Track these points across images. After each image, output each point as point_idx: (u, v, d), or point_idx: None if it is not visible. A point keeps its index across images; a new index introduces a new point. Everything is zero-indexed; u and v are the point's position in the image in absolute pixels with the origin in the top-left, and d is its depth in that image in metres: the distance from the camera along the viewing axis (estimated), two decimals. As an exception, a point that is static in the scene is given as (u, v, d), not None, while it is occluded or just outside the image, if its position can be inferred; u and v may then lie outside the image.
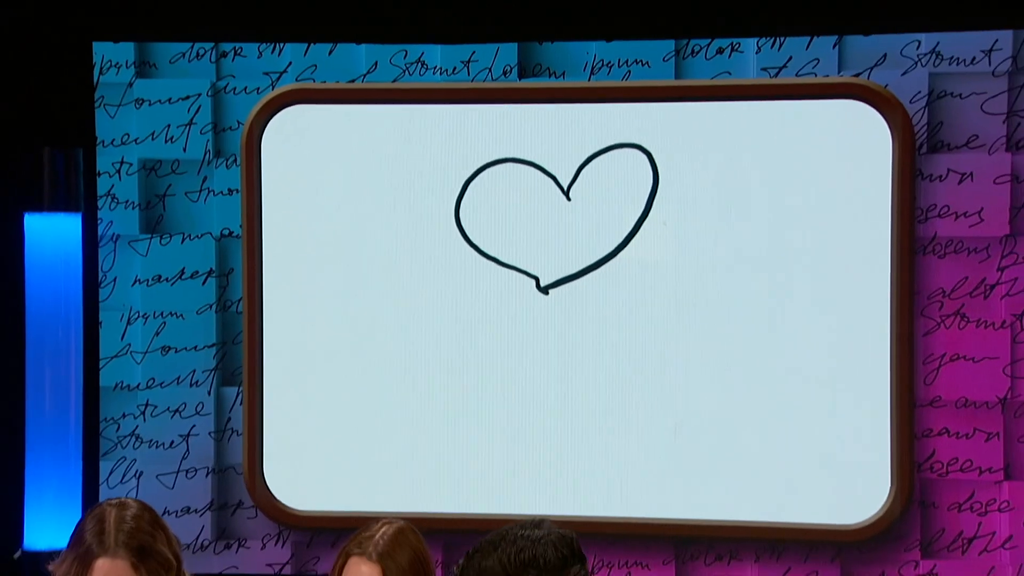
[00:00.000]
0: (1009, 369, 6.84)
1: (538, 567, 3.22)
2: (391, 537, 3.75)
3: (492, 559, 3.25)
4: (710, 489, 7.11)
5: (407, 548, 3.75)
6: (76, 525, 3.82)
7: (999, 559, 6.85)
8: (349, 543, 3.75)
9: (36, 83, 7.49)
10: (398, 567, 3.69)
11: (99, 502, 4.25)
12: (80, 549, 3.70)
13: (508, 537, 3.29)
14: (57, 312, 7.31)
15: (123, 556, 3.67)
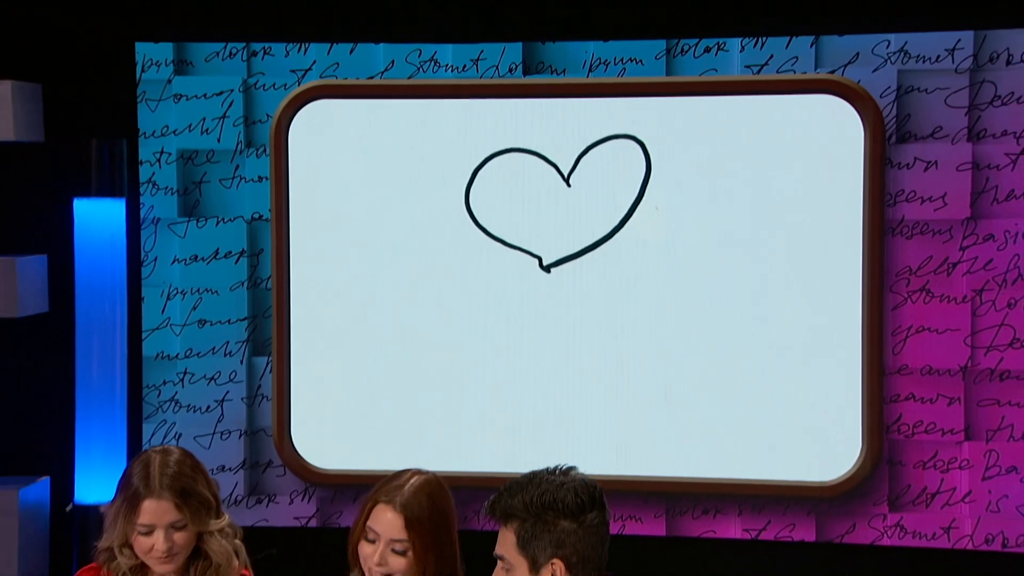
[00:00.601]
0: (969, 340, 6.91)
1: (556, 510, 3.20)
2: (417, 488, 3.67)
3: (517, 499, 3.24)
4: (698, 450, 7.18)
5: (429, 498, 3.66)
6: (124, 471, 3.81)
7: (959, 512, 6.91)
8: (379, 490, 3.70)
9: (84, 80, 7.54)
10: (419, 516, 3.60)
11: (144, 450, 4.27)
12: (128, 492, 3.68)
13: (535, 480, 3.29)
14: (103, 288, 7.38)
15: (167, 497, 3.65)
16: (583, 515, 3.22)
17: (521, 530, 3.21)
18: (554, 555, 3.19)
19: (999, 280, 6.92)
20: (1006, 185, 6.88)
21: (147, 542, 3.65)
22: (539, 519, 3.20)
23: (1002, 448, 6.91)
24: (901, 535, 7.02)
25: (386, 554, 3.55)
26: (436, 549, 3.60)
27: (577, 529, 3.20)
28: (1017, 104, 6.85)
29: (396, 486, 3.62)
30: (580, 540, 3.21)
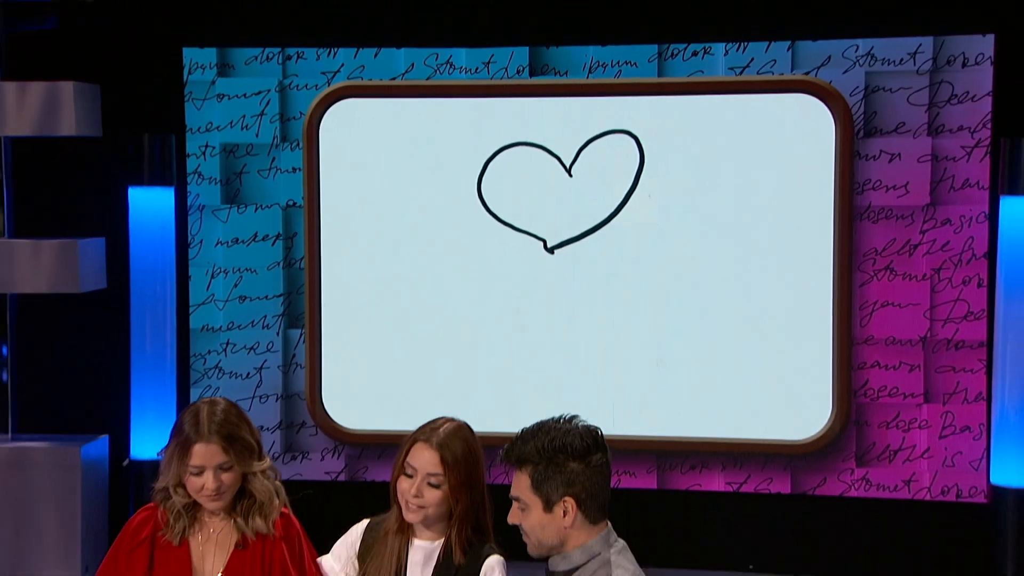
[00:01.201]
0: (928, 313, 7.03)
1: (566, 452, 3.17)
2: (451, 430, 3.64)
3: (530, 445, 3.23)
4: (686, 411, 7.26)
5: (462, 441, 3.62)
6: (176, 420, 3.79)
7: (918, 467, 7.06)
8: (416, 432, 3.66)
9: (137, 81, 7.61)
10: (453, 455, 3.57)
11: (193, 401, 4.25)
12: (181, 437, 3.67)
13: (544, 428, 3.26)
14: (155, 268, 7.46)
15: (215, 441, 3.64)
16: (589, 457, 3.19)
17: (535, 473, 3.19)
18: (565, 494, 3.17)
19: (955, 260, 7.02)
20: (961, 175, 6.97)
21: (198, 482, 3.63)
22: (551, 462, 3.18)
23: (957, 410, 7.03)
24: (867, 487, 7.13)
25: (423, 487, 3.52)
26: (468, 485, 3.57)
27: (585, 469, 3.18)
28: (972, 102, 6.93)
29: (432, 428, 3.60)
30: (588, 479, 3.18)
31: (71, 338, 7.78)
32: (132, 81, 7.61)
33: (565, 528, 3.18)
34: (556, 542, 3.20)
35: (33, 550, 7.31)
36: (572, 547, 3.19)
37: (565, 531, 3.18)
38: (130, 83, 7.61)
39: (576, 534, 3.18)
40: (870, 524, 7.30)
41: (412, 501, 3.52)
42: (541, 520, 3.18)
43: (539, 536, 3.20)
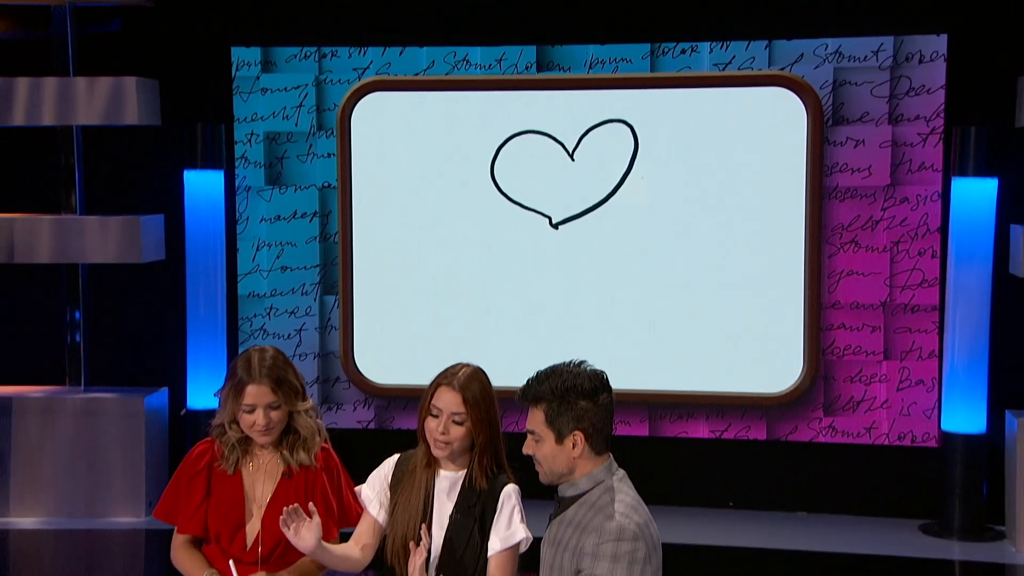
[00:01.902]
0: (888, 281, 7.17)
1: (576, 392, 3.14)
2: (469, 374, 3.56)
3: (544, 385, 3.18)
4: (674, 368, 7.37)
5: (479, 382, 3.55)
6: (231, 365, 3.76)
7: (878, 416, 7.22)
8: (438, 377, 3.58)
9: (191, 77, 7.74)
10: (473, 395, 3.51)
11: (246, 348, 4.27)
12: (235, 380, 3.63)
13: (557, 370, 3.21)
14: (207, 241, 7.58)
15: (266, 383, 3.60)
16: (597, 396, 3.18)
17: (549, 410, 3.17)
18: (575, 428, 3.16)
19: (912, 234, 7.15)
20: (918, 159, 7.10)
21: (250, 419, 3.61)
22: (563, 401, 3.15)
23: (912, 366, 7.19)
24: (833, 434, 7.28)
25: (448, 425, 3.48)
26: (486, 421, 3.54)
27: (593, 407, 3.16)
28: (927, 94, 7.06)
29: (452, 373, 3.55)
30: (595, 416, 3.17)
31: (134, 303, 7.90)
32: (187, 76, 7.74)
33: (574, 458, 3.17)
34: (565, 470, 3.19)
35: (103, 488, 7.45)
36: (580, 475, 3.19)
37: (574, 461, 3.18)
38: (185, 78, 7.73)
39: (583, 464, 3.18)
40: (836, 466, 7.42)
41: (439, 438, 3.51)
42: (553, 451, 3.18)
43: (551, 465, 3.20)
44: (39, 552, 7.18)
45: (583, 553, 3.09)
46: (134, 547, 7.22)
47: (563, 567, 3.14)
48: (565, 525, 3.18)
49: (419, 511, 3.52)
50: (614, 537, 3.06)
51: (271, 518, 3.58)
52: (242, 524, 3.62)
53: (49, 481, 7.51)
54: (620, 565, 3.05)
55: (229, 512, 3.62)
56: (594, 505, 3.15)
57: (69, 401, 7.55)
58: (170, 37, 7.81)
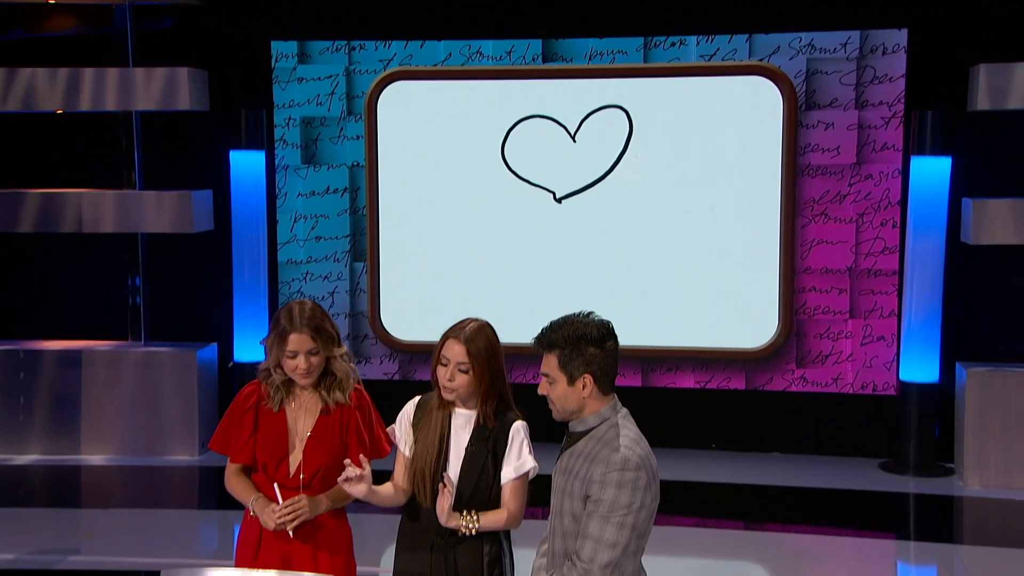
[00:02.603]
0: (854, 248, 7.30)
1: (586, 339, 3.13)
2: (475, 328, 3.54)
3: (558, 333, 3.17)
4: (665, 327, 7.47)
5: (485, 337, 3.54)
6: (274, 317, 3.72)
7: (844, 367, 7.38)
8: (448, 331, 3.57)
9: (237, 67, 7.87)
10: (476, 347, 3.50)
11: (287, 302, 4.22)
12: (279, 329, 3.61)
13: (569, 320, 3.21)
14: (250, 213, 7.71)
15: (306, 332, 3.58)
16: (604, 343, 3.17)
17: (561, 355, 3.15)
18: (585, 371, 3.14)
19: (875, 207, 7.28)
20: (880, 140, 7.23)
21: (292, 363, 3.58)
22: (574, 347, 3.15)
23: (874, 323, 7.34)
24: (804, 384, 7.43)
25: (454, 373, 3.48)
26: (489, 371, 3.52)
27: (600, 353, 3.15)
28: (889, 83, 7.17)
29: (460, 327, 3.56)
30: (603, 360, 3.16)
31: (187, 268, 8.06)
32: (232, 67, 7.86)
33: (583, 398, 3.17)
34: (576, 408, 3.19)
35: (161, 430, 7.63)
36: (588, 413, 3.18)
37: (583, 400, 3.17)
38: (230, 69, 7.85)
39: (591, 403, 3.17)
40: (806, 412, 7.57)
41: (447, 385, 3.51)
42: (565, 392, 3.17)
43: (563, 404, 3.20)
44: (107, 485, 7.33)
45: (591, 481, 3.09)
46: (189, 481, 7.35)
47: (573, 493, 3.14)
48: (575, 456, 3.18)
49: (436, 445, 3.55)
50: (619, 467, 3.07)
51: (311, 450, 3.63)
52: (286, 455, 3.63)
53: (114, 424, 7.66)
54: (624, 491, 3.07)
55: (274, 445, 3.64)
56: (601, 439, 3.16)
57: (131, 354, 7.71)
58: (217, 32, 7.91)
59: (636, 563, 3.15)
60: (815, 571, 5.76)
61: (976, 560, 5.91)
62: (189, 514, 6.83)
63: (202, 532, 6.51)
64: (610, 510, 3.05)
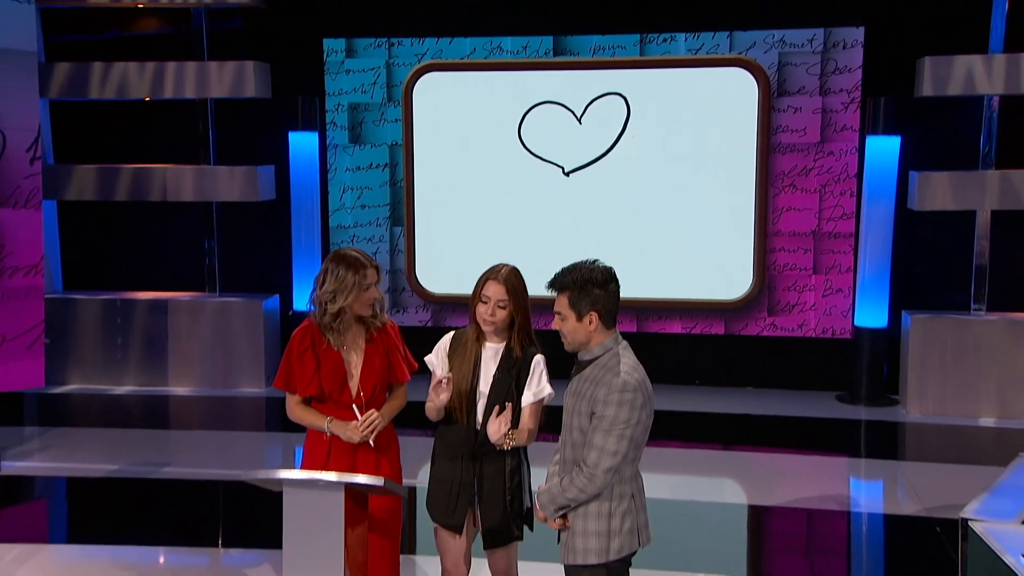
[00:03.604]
0: (817, 214, 7.40)
1: (592, 282, 3.13)
2: (510, 270, 3.53)
3: (568, 277, 3.17)
4: (656, 281, 7.53)
5: (516, 276, 3.53)
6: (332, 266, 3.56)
7: (808, 315, 7.49)
8: (486, 273, 3.55)
9: (294, 62, 7.93)
10: (513, 286, 3.48)
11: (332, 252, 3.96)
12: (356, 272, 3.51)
13: (577, 266, 3.20)
14: (306, 185, 7.82)
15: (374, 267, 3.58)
16: (607, 285, 3.15)
17: (571, 295, 3.14)
18: (591, 309, 3.13)
19: (835, 179, 7.38)
20: (840, 122, 7.32)
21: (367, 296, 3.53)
22: (582, 289, 3.13)
23: (834, 278, 7.44)
24: (774, 330, 7.54)
25: (495, 309, 3.46)
26: (523, 306, 3.52)
27: (604, 293, 3.14)
28: (848, 73, 7.25)
29: (496, 270, 3.53)
30: (606, 300, 3.15)
31: (254, 231, 8.16)
32: (290, 61, 7.92)
33: (590, 332, 3.15)
34: (584, 341, 3.17)
35: (233, 367, 7.79)
36: (594, 344, 3.16)
37: (590, 334, 3.15)
38: (289, 62, 7.91)
39: (597, 336, 3.16)
40: (776, 354, 7.68)
41: (488, 319, 3.48)
42: (575, 327, 3.15)
43: (573, 337, 3.18)
44: (189, 412, 7.45)
45: (596, 400, 3.09)
46: (256, 409, 7.46)
47: (581, 411, 3.14)
48: (583, 381, 3.17)
49: (470, 371, 3.53)
50: (619, 389, 3.08)
51: (366, 373, 3.61)
52: (346, 382, 3.59)
53: (194, 361, 7.81)
54: (623, 409, 3.08)
55: (336, 375, 3.60)
56: (605, 366, 3.15)
57: (208, 303, 7.84)
58: (278, 31, 7.97)
59: (633, 468, 3.20)
60: (781, 484, 5.80)
61: (916, 473, 6.04)
62: (257, 435, 6.91)
63: (268, 450, 6.61)
64: (611, 424, 3.07)
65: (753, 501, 5.68)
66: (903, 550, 5.04)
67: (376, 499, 3.49)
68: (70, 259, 8.40)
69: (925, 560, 4.79)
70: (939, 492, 5.60)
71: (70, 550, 4.99)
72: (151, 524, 5.25)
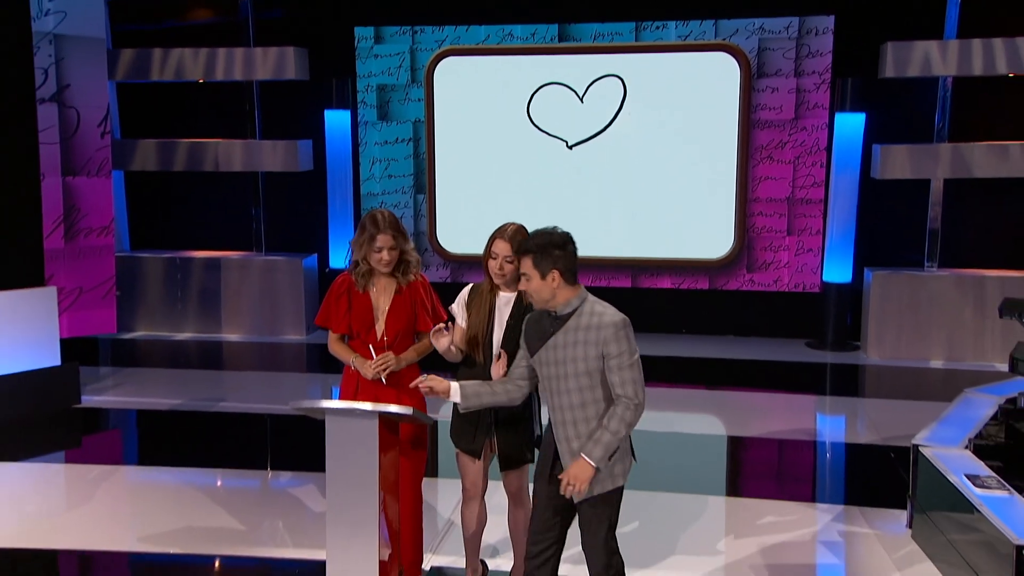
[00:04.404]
0: (791, 183, 7.39)
1: (552, 244, 3.06)
2: (515, 229, 3.46)
3: (531, 242, 3.12)
4: (649, 242, 7.55)
5: (523, 235, 3.42)
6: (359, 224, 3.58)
7: (782, 272, 7.49)
8: (495, 232, 3.47)
9: (329, 47, 7.89)
10: (517, 243, 3.40)
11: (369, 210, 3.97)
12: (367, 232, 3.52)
13: (538, 232, 3.12)
14: (340, 157, 7.77)
15: (389, 232, 3.53)
16: (566, 247, 3.09)
17: (534, 257, 3.09)
18: (552, 268, 3.08)
19: (808, 151, 7.36)
20: (812, 101, 7.30)
21: (378, 256, 3.52)
22: (543, 251, 3.08)
23: (805, 240, 7.45)
24: (753, 285, 7.56)
25: (503, 264, 3.43)
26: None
27: (564, 254, 3.08)
28: (820, 56, 7.22)
29: (503, 229, 3.49)
30: (566, 259, 3.08)
31: (295, 197, 8.16)
32: (326, 46, 7.90)
33: (554, 288, 3.09)
34: (549, 297, 3.11)
35: (277, 318, 7.82)
36: (561, 300, 3.11)
37: (554, 290, 3.10)
38: (325, 48, 7.90)
39: (561, 292, 3.10)
40: (754, 306, 7.70)
41: (497, 273, 3.46)
42: (539, 285, 3.10)
43: (539, 295, 3.12)
44: (240, 355, 7.47)
45: (606, 341, 3.03)
46: (298, 353, 7.46)
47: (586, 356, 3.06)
48: (572, 331, 3.10)
49: (485, 318, 3.52)
50: (622, 325, 3.06)
51: (391, 319, 3.60)
52: (373, 324, 3.59)
53: (244, 311, 7.84)
54: (632, 341, 3.07)
55: (364, 317, 3.60)
56: (592, 314, 3.10)
57: (255, 261, 7.87)
58: (315, 20, 7.95)
59: None
60: (757, 419, 5.80)
61: (874, 408, 6.08)
62: (298, 376, 6.92)
63: (309, 388, 6.63)
64: (631, 356, 3.05)
65: (732, 433, 5.71)
66: (861, 473, 5.10)
67: (405, 427, 3.53)
68: (136, 222, 8.43)
69: (881, 481, 4.84)
70: (893, 424, 5.64)
71: (140, 472, 5.09)
72: (209, 451, 5.32)
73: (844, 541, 4.15)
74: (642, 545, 4.04)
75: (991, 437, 4.45)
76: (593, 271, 7.59)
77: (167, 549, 4.06)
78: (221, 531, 4.23)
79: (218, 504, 4.53)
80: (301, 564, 3.91)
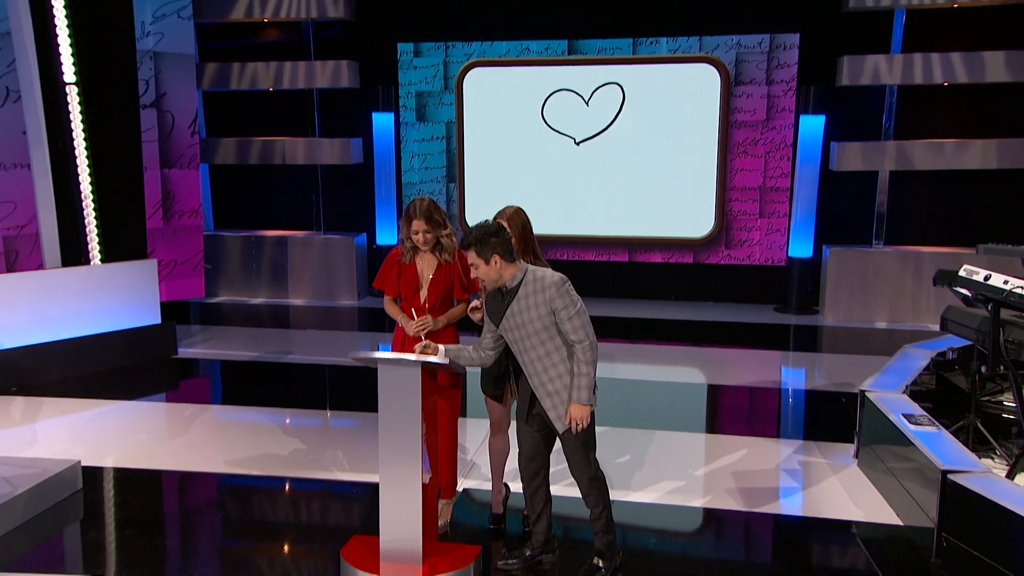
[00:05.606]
0: (763, 174, 7.36)
1: (488, 234, 2.98)
2: (513, 211, 3.42)
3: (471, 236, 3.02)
4: (643, 223, 7.53)
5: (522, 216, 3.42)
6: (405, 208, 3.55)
7: (755, 249, 7.48)
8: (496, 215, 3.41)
9: (376, 59, 7.88)
10: (512, 222, 3.37)
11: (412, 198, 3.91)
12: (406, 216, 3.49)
13: (476, 227, 3.02)
14: (386, 152, 7.83)
15: (422, 219, 3.47)
16: (500, 234, 3.01)
17: (476, 248, 3.01)
18: (492, 253, 3.00)
19: (776, 147, 7.32)
20: (781, 104, 7.25)
21: (416, 237, 3.48)
22: (482, 241, 3.00)
23: (774, 222, 7.42)
24: (730, 259, 7.53)
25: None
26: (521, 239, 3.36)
27: (499, 240, 3.00)
28: (787, 67, 7.16)
29: (502, 212, 3.44)
30: (501, 244, 3.00)
31: (348, 185, 8.17)
32: (373, 59, 7.77)
33: (499, 270, 3.02)
34: (496, 278, 3.04)
35: (336, 286, 7.84)
36: (508, 277, 3.04)
37: (499, 271, 3.02)
38: (372, 60, 7.77)
39: (507, 271, 3.03)
40: (731, 277, 7.65)
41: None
42: (486, 270, 3.02)
43: (488, 277, 3.04)
44: (304, 316, 7.48)
45: (552, 299, 3.01)
46: (352, 315, 7.48)
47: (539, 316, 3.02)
48: (523, 299, 3.05)
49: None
50: (559, 284, 3.02)
51: (433, 287, 3.58)
52: (418, 290, 3.58)
53: (308, 279, 7.87)
54: (572, 294, 3.03)
55: (410, 284, 3.59)
56: (535, 280, 3.05)
57: (316, 239, 7.88)
58: (365, 37, 7.92)
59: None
60: (732, 370, 5.80)
61: (830, 363, 6.06)
62: (352, 334, 6.91)
63: (362, 344, 6.64)
64: (574, 307, 3.02)
65: (711, 382, 5.72)
66: (817, 414, 5.12)
67: (443, 375, 3.58)
68: (219, 206, 8.47)
69: (833, 420, 4.87)
70: (845, 374, 5.66)
71: (225, 410, 5.17)
72: (280, 394, 5.38)
73: (802, 470, 4.19)
74: (633, 474, 4.10)
75: (924, 384, 4.50)
76: (595, 247, 7.59)
77: (248, 472, 4.15)
78: (291, 458, 4.31)
79: (289, 437, 4.60)
80: (358, 485, 4.00)
